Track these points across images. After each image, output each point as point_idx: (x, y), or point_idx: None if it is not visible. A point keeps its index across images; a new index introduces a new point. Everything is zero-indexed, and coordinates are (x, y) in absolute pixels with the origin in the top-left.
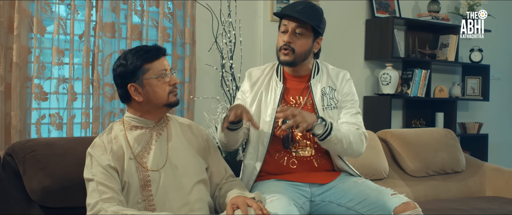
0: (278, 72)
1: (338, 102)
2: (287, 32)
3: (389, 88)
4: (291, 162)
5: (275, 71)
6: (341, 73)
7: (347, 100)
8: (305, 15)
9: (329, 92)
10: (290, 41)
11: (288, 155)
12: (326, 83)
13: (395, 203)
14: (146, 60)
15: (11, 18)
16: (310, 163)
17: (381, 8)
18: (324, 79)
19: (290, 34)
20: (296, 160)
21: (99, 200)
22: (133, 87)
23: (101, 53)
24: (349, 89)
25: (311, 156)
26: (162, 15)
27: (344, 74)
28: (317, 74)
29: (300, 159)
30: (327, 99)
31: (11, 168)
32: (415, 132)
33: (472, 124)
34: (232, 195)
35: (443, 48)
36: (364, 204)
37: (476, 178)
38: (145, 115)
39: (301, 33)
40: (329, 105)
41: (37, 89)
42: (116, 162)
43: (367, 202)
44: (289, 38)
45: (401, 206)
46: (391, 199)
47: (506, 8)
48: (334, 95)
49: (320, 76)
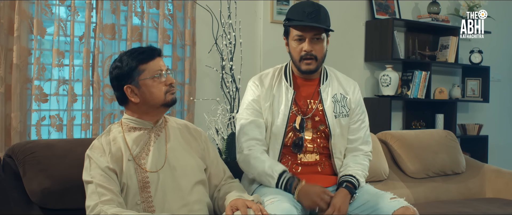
0: (287, 76)
1: (349, 110)
2: (304, 40)
3: (389, 90)
4: (294, 167)
5: (283, 75)
6: (352, 82)
7: (359, 113)
8: (318, 19)
9: (341, 100)
10: (311, 49)
11: (293, 159)
12: (337, 90)
13: (394, 207)
14: (141, 61)
15: (11, 19)
16: (314, 168)
17: (381, 9)
18: (335, 86)
19: (309, 42)
20: (300, 165)
21: (99, 202)
22: (129, 89)
23: (101, 55)
24: (360, 101)
25: (315, 161)
26: (162, 16)
27: (355, 84)
28: (326, 80)
29: (305, 164)
30: (338, 106)
31: (11, 170)
32: (415, 134)
33: (472, 126)
34: (231, 197)
35: (443, 50)
36: (363, 208)
37: (476, 179)
38: (143, 116)
39: (319, 38)
40: (341, 112)
41: (37, 90)
42: (115, 164)
43: (367, 206)
44: (309, 46)
45: (400, 210)
46: (390, 203)
47: (506, 10)
48: (346, 103)
49: (330, 81)
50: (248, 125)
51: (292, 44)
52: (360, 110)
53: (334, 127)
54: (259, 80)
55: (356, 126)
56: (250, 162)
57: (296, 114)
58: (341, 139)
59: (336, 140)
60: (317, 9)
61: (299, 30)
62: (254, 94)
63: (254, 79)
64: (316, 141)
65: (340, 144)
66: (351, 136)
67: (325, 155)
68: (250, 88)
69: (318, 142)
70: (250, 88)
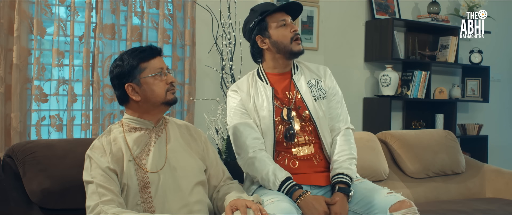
0: (261, 77)
1: (326, 92)
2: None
3: (389, 90)
4: (292, 162)
5: (257, 77)
6: (322, 67)
7: (334, 93)
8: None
9: (316, 84)
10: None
11: (289, 155)
12: (310, 76)
13: (391, 201)
14: (142, 59)
15: (11, 19)
16: (310, 161)
17: (381, 9)
18: (307, 73)
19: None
20: (297, 160)
21: (99, 202)
22: (130, 87)
23: (101, 55)
24: (333, 82)
25: (311, 154)
26: (162, 16)
27: (325, 68)
28: (297, 70)
29: (301, 158)
30: (315, 90)
31: (11, 170)
32: (415, 134)
33: (472, 126)
34: (230, 198)
35: (443, 50)
36: (361, 204)
37: (476, 179)
38: (144, 115)
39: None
40: (318, 95)
41: (37, 90)
42: (115, 164)
43: (364, 201)
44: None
45: (397, 204)
46: (387, 198)
47: (506, 10)
48: (321, 86)
49: (301, 71)
50: (242, 127)
51: (277, 32)
52: (335, 90)
53: (315, 110)
54: (236, 86)
55: (333, 104)
56: (254, 165)
57: (280, 107)
58: (325, 121)
59: (321, 123)
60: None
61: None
62: (236, 100)
63: (232, 88)
64: (305, 130)
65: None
66: (330, 115)
67: (317, 146)
68: (230, 97)
69: (307, 131)
70: (230, 96)
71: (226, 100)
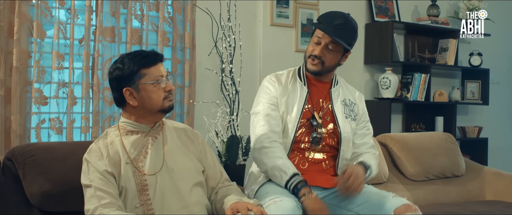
0: (300, 76)
1: (356, 115)
2: (320, 45)
3: (389, 92)
4: (301, 163)
5: (297, 75)
6: (358, 92)
7: (365, 121)
8: (340, 33)
9: (349, 104)
10: (321, 55)
11: (301, 155)
12: (346, 95)
13: (396, 204)
14: (143, 65)
15: (11, 22)
16: (320, 165)
17: (381, 12)
18: (345, 92)
19: (322, 48)
20: (307, 162)
21: (99, 205)
22: (128, 91)
23: (101, 58)
24: (365, 110)
25: (322, 159)
26: (162, 19)
27: (361, 94)
28: (337, 84)
29: (311, 161)
30: (348, 109)
31: (11, 173)
32: (414, 136)
33: (471, 128)
34: (230, 201)
35: (443, 52)
36: (365, 206)
37: (476, 182)
38: (140, 119)
39: (333, 49)
40: (350, 115)
41: (37, 93)
42: (113, 168)
43: (368, 204)
44: (320, 52)
45: (402, 207)
46: (391, 200)
47: (506, 12)
48: (354, 108)
49: (339, 87)
50: (268, 117)
51: (311, 42)
52: (366, 118)
53: (344, 125)
54: (275, 77)
55: (363, 132)
56: (268, 154)
57: (310, 111)
58: (349, 141)
59: (344, 141)
60: (345, 22)
61: (318, 33)
62: (271, 89)
63: (270, 77)
64: (325, 140)
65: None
66: (358, 141)
67: (331, 155)
68: (266, 85)
69: (327, 140)
70: (266, 84)
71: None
